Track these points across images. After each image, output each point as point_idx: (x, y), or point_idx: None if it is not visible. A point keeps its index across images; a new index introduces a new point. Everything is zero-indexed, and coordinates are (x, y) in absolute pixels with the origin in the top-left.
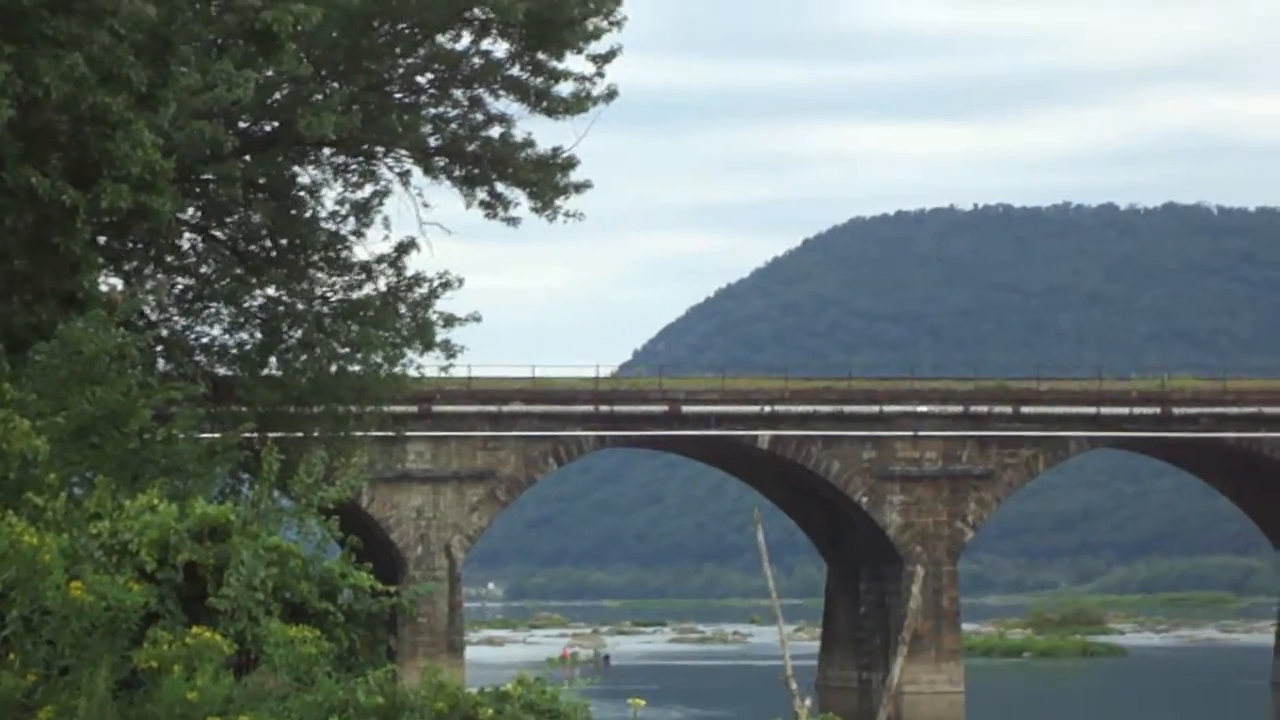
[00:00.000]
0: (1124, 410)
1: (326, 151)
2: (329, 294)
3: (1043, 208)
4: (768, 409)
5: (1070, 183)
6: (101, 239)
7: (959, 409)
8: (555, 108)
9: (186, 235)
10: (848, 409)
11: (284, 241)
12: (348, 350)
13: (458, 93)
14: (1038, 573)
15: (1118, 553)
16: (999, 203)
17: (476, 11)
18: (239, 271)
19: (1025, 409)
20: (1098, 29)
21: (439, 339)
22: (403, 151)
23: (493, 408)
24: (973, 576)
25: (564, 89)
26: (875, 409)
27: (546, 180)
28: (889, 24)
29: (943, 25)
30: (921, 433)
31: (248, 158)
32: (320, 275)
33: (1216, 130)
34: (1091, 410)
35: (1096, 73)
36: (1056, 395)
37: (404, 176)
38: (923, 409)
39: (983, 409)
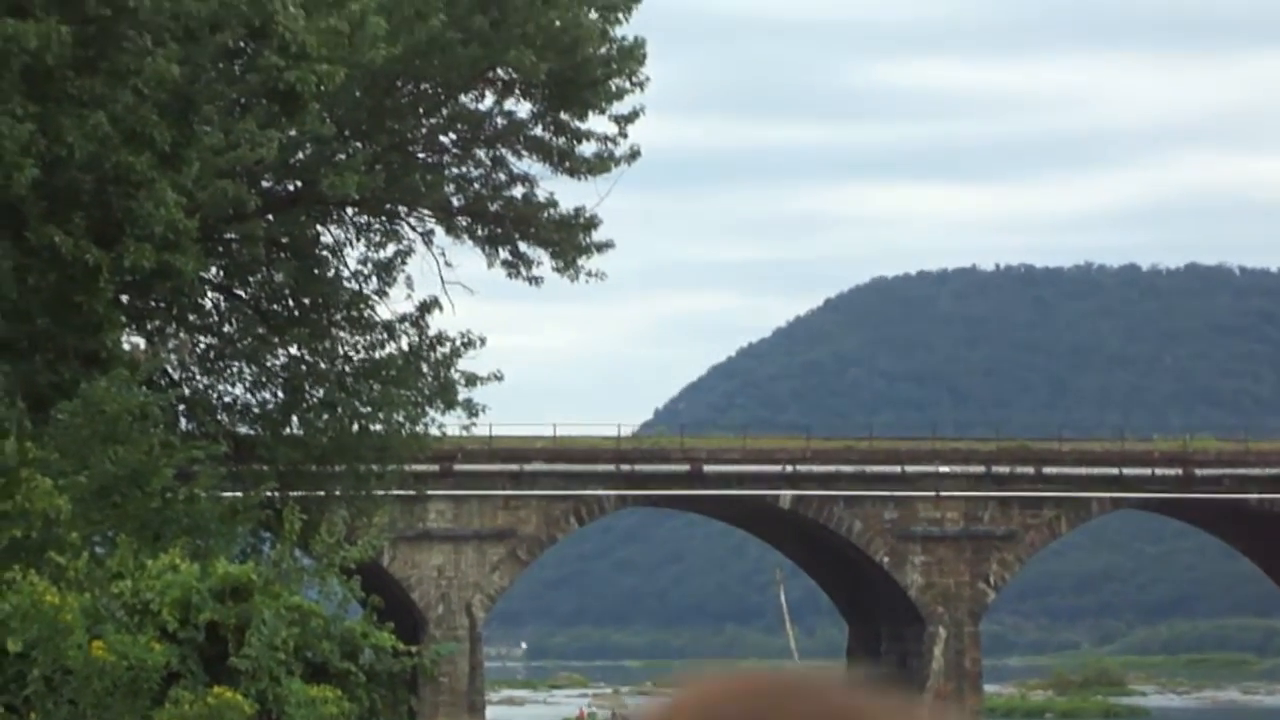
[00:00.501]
0: (1146, 471)
1: (349, 211)
2: (351, 353)
3: (1065, 268)
4: (789, 468)
5: (1092, 243)
6: (124, 298)
7: (981, 469)
8: (578, 168)
9: (209, 294)
10: (870, 469)
11: (306, 301)
12: (369, 409)
13: (480, 153)
14: (1060, 634)
15: (1140, 614)
16: (1021, 263)
17: (499, 72)
18: (261, 331)
19: (1047, 469)
20: (1120, 90)
21: (461, 398)
22: (425, 211)
23: (514, 467)
24: (994, 637)
25: (587, 149)
26: (897, 469)
27: (569, 240)
28: (912, 84)
29: (965, 86)
30: (943, 493)
31: (271, 217)
32: (343, 334)
33: (1238, 191)
34: (1114, 471)
35: (1118, 133)
36: (1079, 456)
37: (427, 236)
38: (945, 469)
39: (1005, 469)
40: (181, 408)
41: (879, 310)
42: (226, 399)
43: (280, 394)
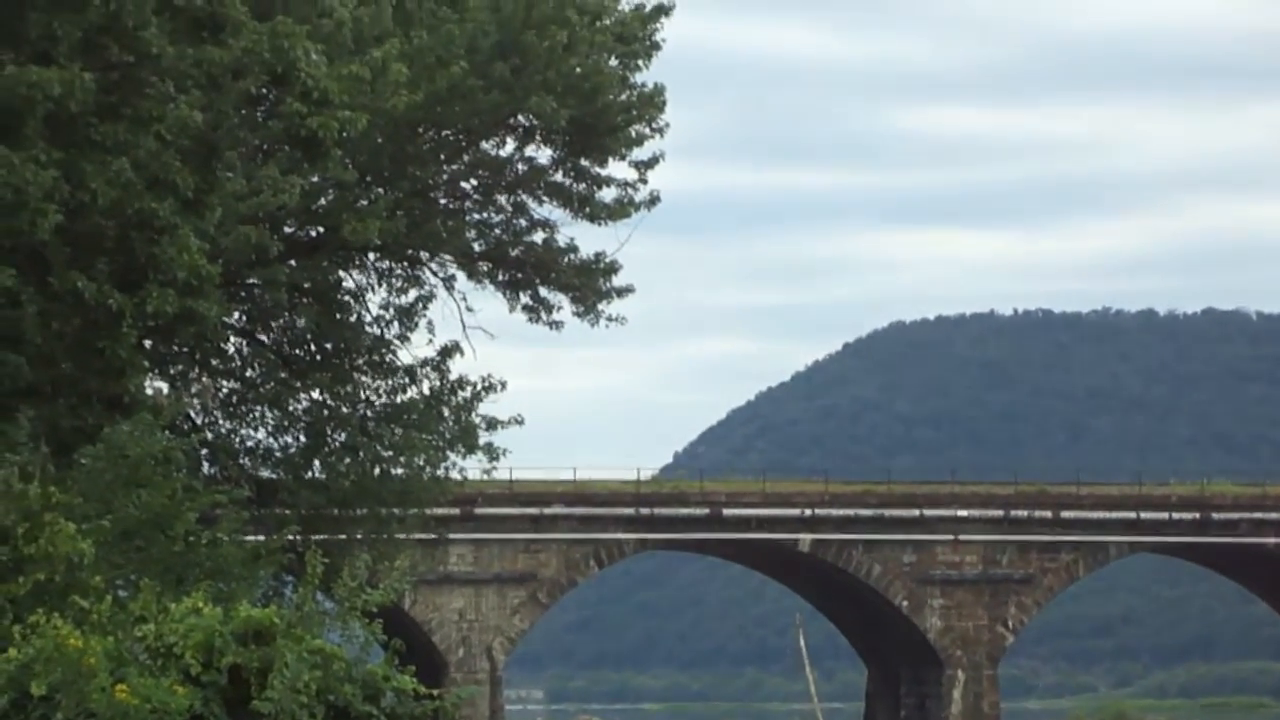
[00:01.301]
0: (1163, 515)
1: (371, 256)
2: (373, 397)
3: (1082, 313)
4: (808, 512)
5: (1110, 288)
6: (147, 343)
7: (999, 513)
8: (598, 213)
9: (232, 339)
10: (888, 512)
11: (329, 345)
12: (391, 453)
13: (501, 198)
14: (1077, 677)
15: (1157, 657)
16: (1039, 307)
17: (520, 118)
18: (284, 375)
19: (1065, 513)
20: (1138, 135)
21: (482, 442)
22: (447, 256)
23: (534, 510)
24: (1013, 680)
25: (607, 195)
26: (915, 513)
27: (589, 285)
28: (931, 130)
29: (983, 131)
30: (962, 536)
31: (293, 262)
32: (364, 379)
33: (1255, 236)
34: (1131, 515)
35: (1136, 178)
36: (1096, 500)
37: (448, 281)
38: (963, 513)
39: (1023, 513)
40: (204, 452)
41: (898, 354)
42: (249, 443)
43: (302, 438)
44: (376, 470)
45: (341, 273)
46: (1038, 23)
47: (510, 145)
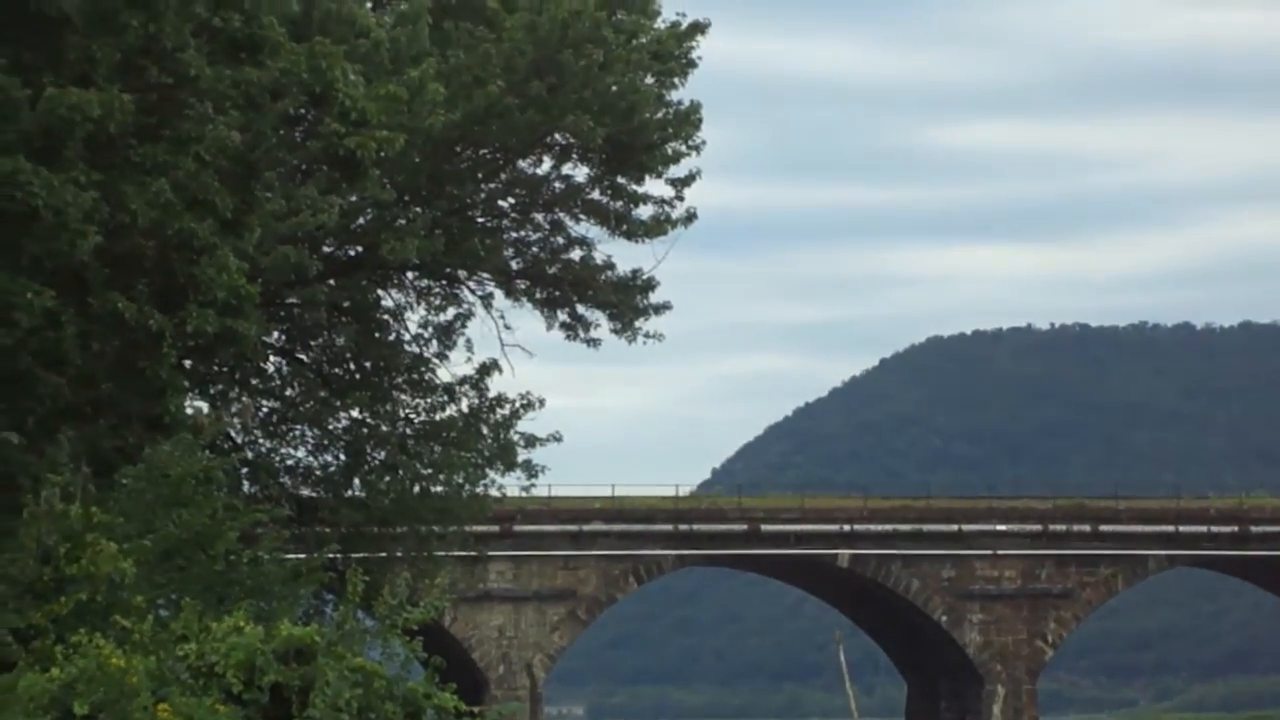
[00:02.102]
0: (1202, 529)
1: (410, 275)
2: (412, 416)
3: (1119, 327)
4: (847, 528)
5: (1147, 302)
6: (188, 363)
7: (1038, 528)
8: (635, 231)
9: (272, 359)
10: (927, 528)
11: (368, 364)
12: (430, 471)
13: (539, 216)
14: (1117, 691)
15: (1197, 671)
16: (1076, 322)
17: (557, 137)
18: (323, 394)
19: (1104, 528)
20: (1175, 150)
21: (520, 459)
22: (485, 275)
23: (573, 527)
24: (1052, 695)
25: (644, 212)
26: (954, 528)
27: (626, 302)
28: (968, 146)
29: (1020, 147)
30: (1001, 551)
31: (332, 282)
32: (403, 397)
33: None
34: (1170, 529)
35: (1173, 193)
36: (1135, 514)
37: (486, 299)
38: (1001, 528)
39: (1061, 528)
40: (245, 471)
41: (935, 369)
42: (289, 462)
43: (342, 457)
44: (416, 488)
45: (380, 291)
46: (1073, 39)
47: (547, 163)
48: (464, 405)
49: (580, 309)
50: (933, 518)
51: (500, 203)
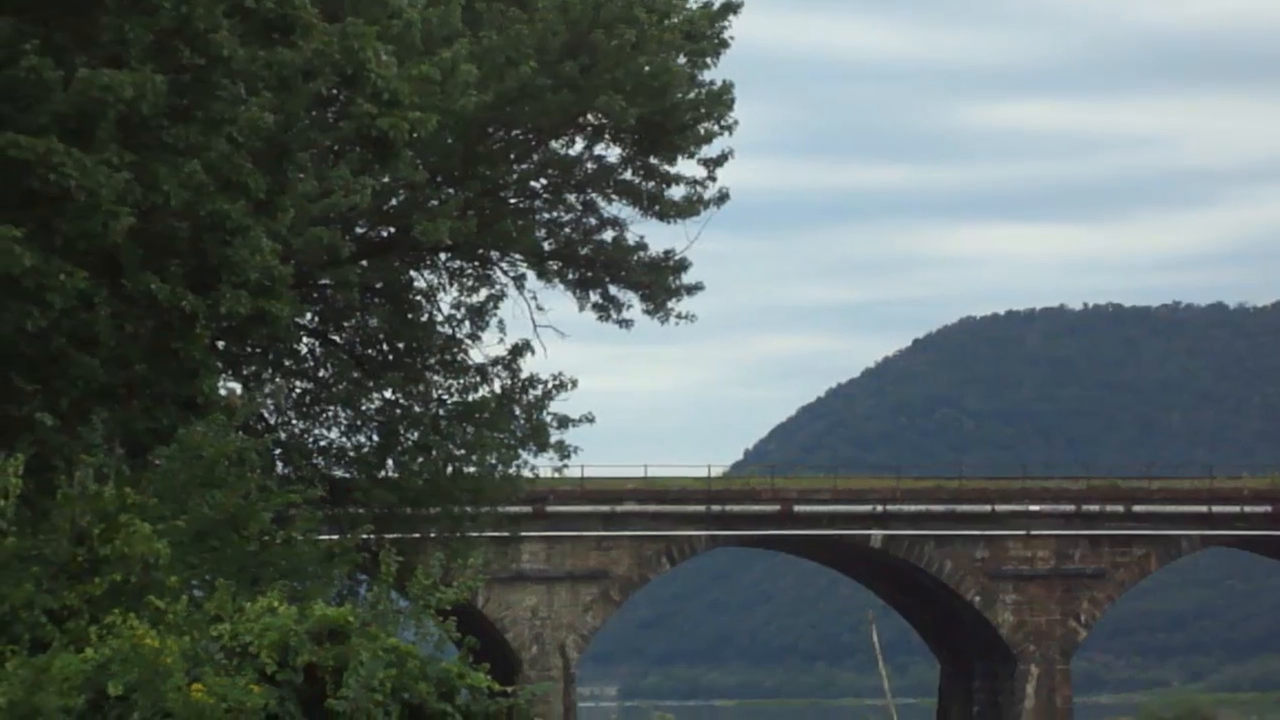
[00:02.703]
0: (1236, 508)
1: (442, 256)
2: (445, 396)
3: (1152, 307)
4: (879, 508)
5: (1180, 282)
6: (221, 344)
7: (1071, 508)
8: (667, 211)
9: (304, 340)
10: (960, 508)
11: (400, 345)
12: (463, 452)
13: (571, 197)
14: (1150, 671)
15: (1230, 651)
16: (1109, 302)
17: (590, 117)
18: (356, 375)
19: (1137, 508)
20: (1209, 129)
21: (553, 440)
22: (517, 255)
23: (606, 508)
24: (1086, 675)
25: (676, 193)
26: (987, 508)
27: (659, 283)
28: (1000, 126)
29: (1053, 127)
30: (1034, 532)
31: (364, 263)
32: (436, 378)
33: None
34: (1203, 509)
35: (1206, 172)
36: (1168, 494)
37: (518, 280)
38: (1035, 508)
39: (1095, 508)
40: (278, 452)
41: (968, 350)
42: (322, 443)
43: (375, 437)
44: (449, 469)
45: (413, 272)
46: (1107, 18)
47: (579, 144)
48: (497, 386)
49: (612, 290)
50: (966, 498)
51: (532, 183)
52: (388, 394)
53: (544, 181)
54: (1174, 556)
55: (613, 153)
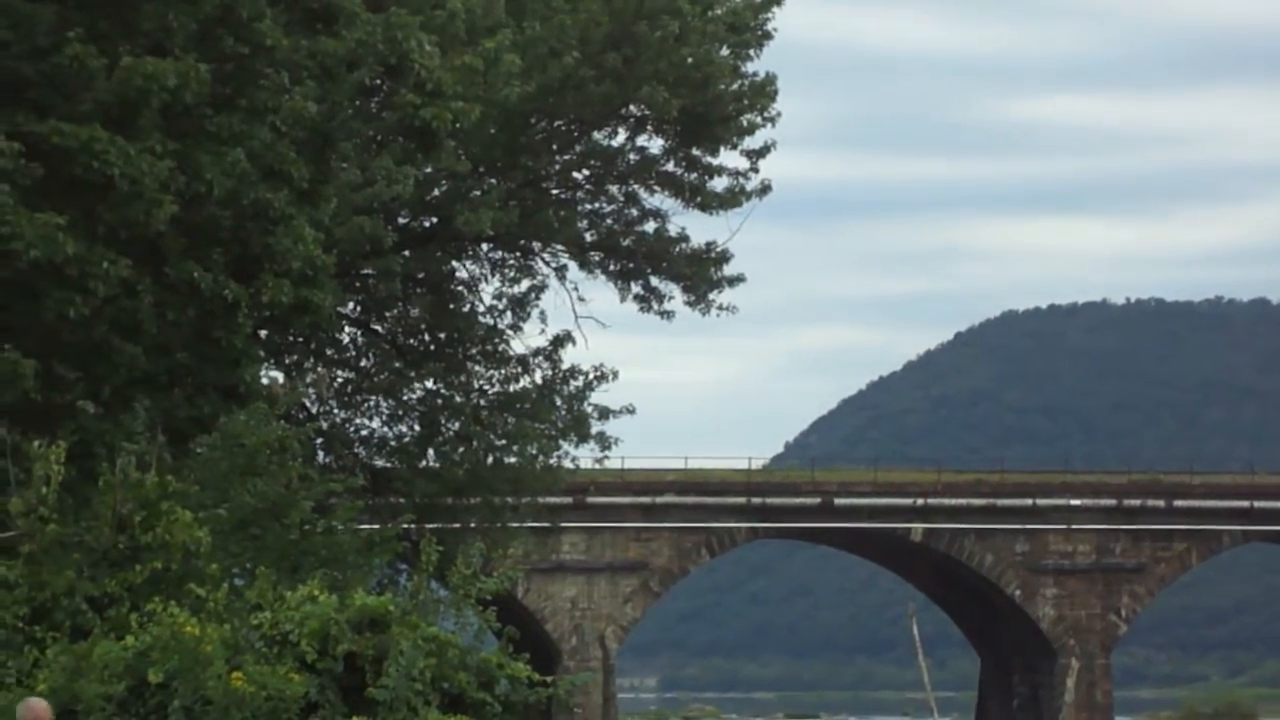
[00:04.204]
0: (1276, 504)
1: (484, 246)
2: (486, 387)
3: (1195, 301)
4: (920, 502)
5: (1222, 277)
6: (263, 333)
7: (1112, 502)
8: (709, 203)
9: (346, 329)
10: (1000, 502)
11: (442, 335)
12: (504, 442)
13: (613, 188)
14: (1190, 666)
15: (1271, 646)
16: (1151, 296)
17: (632, 108)
18: (398, 365)
19: (1178, 503)
20: (1251, 125)
21: (594, 431)
22: (559, 246)
23: (646, 499)
24: (1126, 670)
25: (718, 184)
26: (1028, 502)
27: (700, 274)
28: (1043, 120)
29: (1097, 121)
30: (1074, 526)
31: (407, 253)
32: (477, 368)
33: None
34: (1244, 504)
35: (1249, 167)
36: (1209, 489)
37: (560, 271)
38: (1075, 502)
39: (1135, 503)
40: (319, 441)
41: (1009, 344)
42: (364, 432)
43: (416, 427)
44: (489, 459)
45: (455, 263)
46: (1151, 12)
47: (622, 135)
48: (538, 377)
49: (654, 281)
50: (1006, 492)
51: (575, 174)
52: (429, 384)
53: (586, 172)
54: (1215, 551)
55: (655, 144)
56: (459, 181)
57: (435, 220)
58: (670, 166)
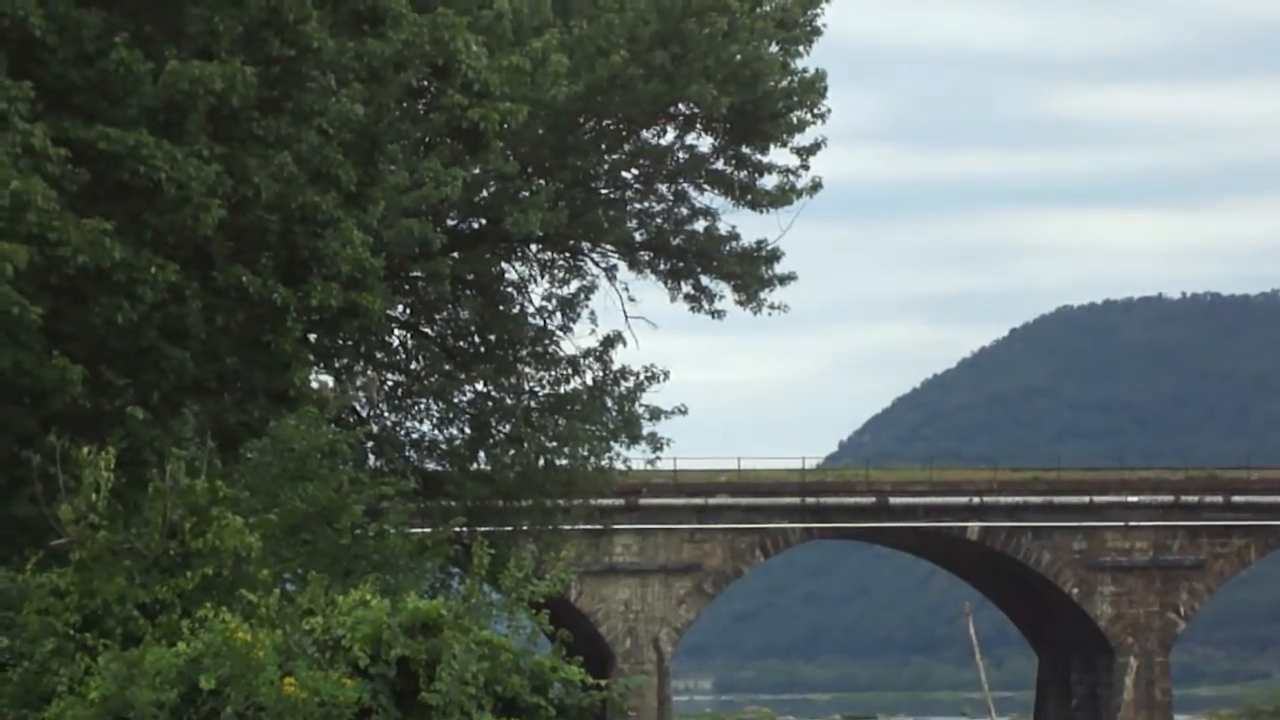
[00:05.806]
0: None
1: (533, 247)
2: (536, 388)
3: (1251, 295)
4: (976, 500)
5: (1278, 270)
6: (312, 337)
7: (1169, 499)
8: (760, 201)
9: (396, 332)
10: (1057, 499)
11: (492, 337)
12: (555, 444)
13: (662, 187)
14: (1250, 663)
15: None
16: (1207, 291)
17: (681, 107)
18: (448, 367)
19: (1236, 498)
20: None
21: (645, 432)
22: (608, 246)
23: (699, 500)
24: (1185, 667)
25: (768, 182)
26: (1085, 499)
27: (751, 273)
28: (1097, 113)
29: (1151, 114)
30: (1132, 523)
31: (456, 255)
32: (528, 370)
33: None
34: None
35: None
36: (1268, 484)
37: (610, 271)
38: (1133, 499)
39: (1193, 498)
40: (370, 445)
41: (1065, 340)
42: (414, 435)
43: (467, 430)
44: (541, 461)
45: (504, 264)
46: (1201, 3)
47: (671, 134)
48: (588, 378)
49: (704, 280)
50: (1063, 489)
51: (624, 174)
52: (479, 386)
53: (635, 172)
54: (1274, 547)
55: (704, 142)
56: (507, 182)
57: (484, 221)
58: (720, 165)
